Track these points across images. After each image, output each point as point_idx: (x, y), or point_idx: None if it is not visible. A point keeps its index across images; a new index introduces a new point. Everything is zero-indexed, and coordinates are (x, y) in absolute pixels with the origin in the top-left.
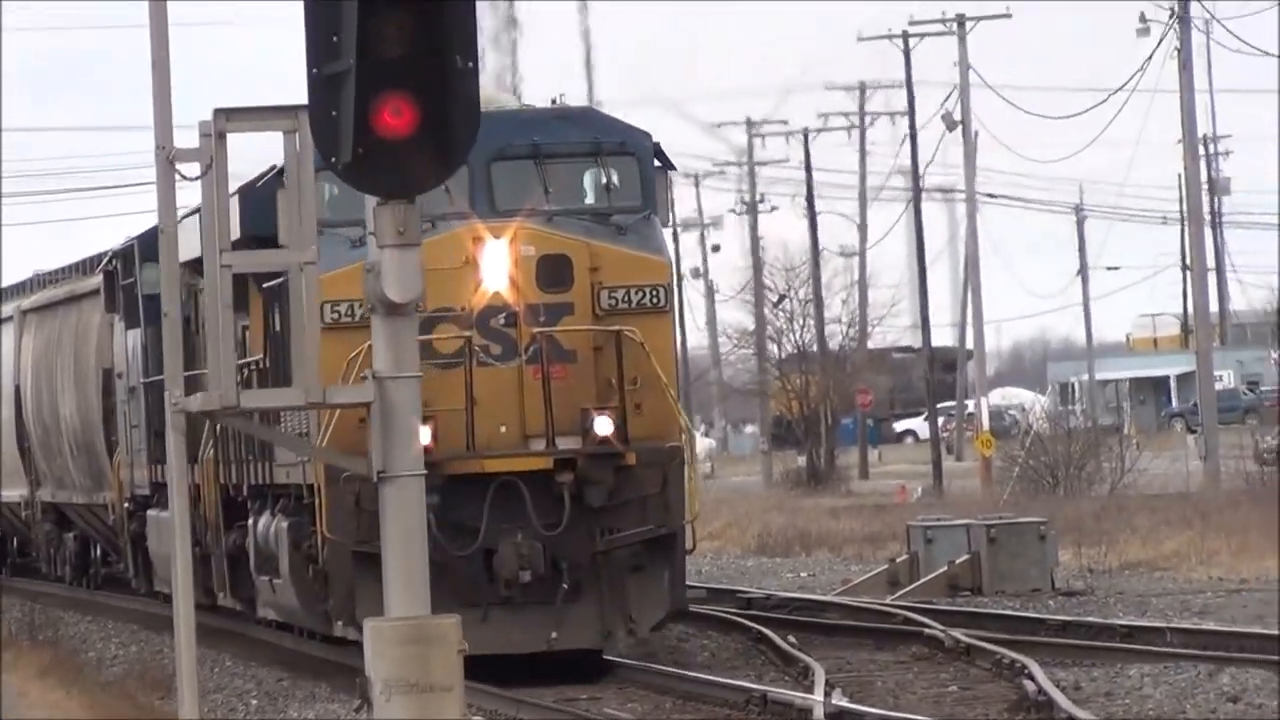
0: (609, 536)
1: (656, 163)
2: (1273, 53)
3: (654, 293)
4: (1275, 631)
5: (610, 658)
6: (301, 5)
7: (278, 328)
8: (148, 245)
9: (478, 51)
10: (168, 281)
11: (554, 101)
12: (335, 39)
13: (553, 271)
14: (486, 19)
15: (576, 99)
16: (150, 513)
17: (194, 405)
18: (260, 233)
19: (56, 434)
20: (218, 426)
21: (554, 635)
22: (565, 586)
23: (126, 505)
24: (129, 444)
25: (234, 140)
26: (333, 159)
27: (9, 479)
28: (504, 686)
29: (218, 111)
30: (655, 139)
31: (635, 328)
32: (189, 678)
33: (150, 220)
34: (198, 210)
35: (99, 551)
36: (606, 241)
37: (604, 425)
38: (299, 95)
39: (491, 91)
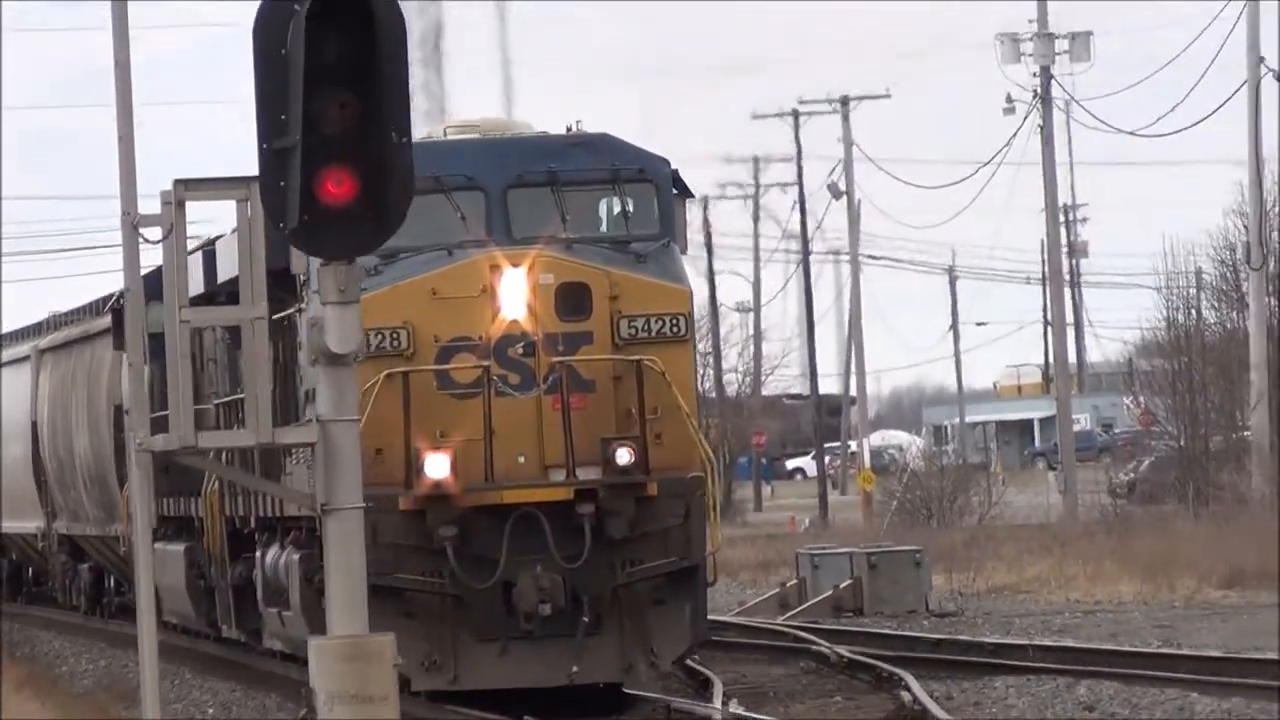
0: (630, 569)
1: (674, 190)
2: (1126, 129)
3: (674, 322)
4: (1128, 648)
5: (630, 691)
6: (254, 86)
7: (282, 359)
8: (153, 285)
9: (411, 127)
10: (131, 338)
11: (569, 129)
12: (283, 117)
13: (572, 300)
14: (418, 97)
15: None
16: (157, 545)
17: (157, 445)
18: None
19: (71, 468)
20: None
21: (575, 669)
22: (586, 620)
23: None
24: None
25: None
26: (281, 224)
27: (26, 511)
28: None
29: (177, 182)
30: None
31: (655, 357)
32: (151, 688)
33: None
34: (196, 250)
35: (113, 581)
36: (626, 269)
37: (625, 455)
38: (251, 167)
39: (507, 118)
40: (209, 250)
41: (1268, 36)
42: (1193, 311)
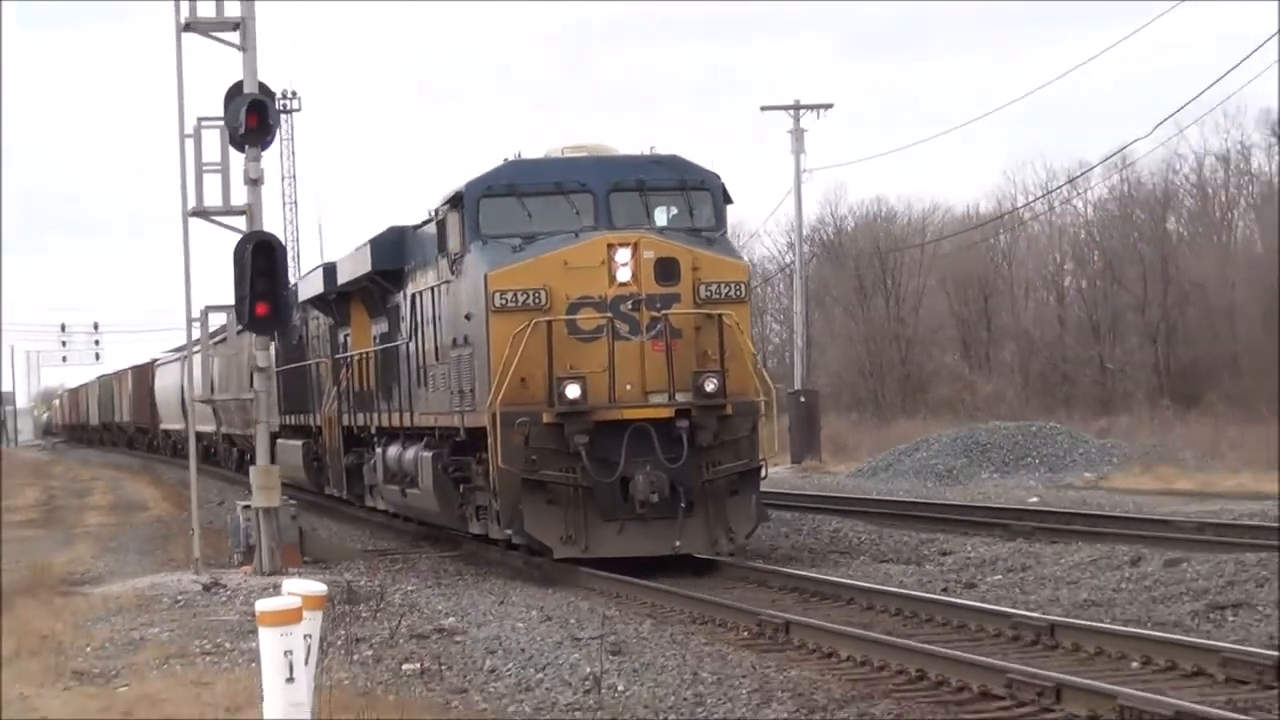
0: (713, 469)
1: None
2: None
3: (737, 288)
4: None
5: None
6: (233, 274)
7: (384, 332)
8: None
9: (288, 286)
10: (203, 360)
11: (646, 150)
12: (243, 286)
13: (665, 270)
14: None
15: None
16: (281, 440)
17: (196, 397)
18: (383, 267)
19: (239, 400)
20: (339, 388)
21: (678, 543)
22: (683, 505)
23: None
24: None
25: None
26: (240, 324)
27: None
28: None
29: (206, 307)
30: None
31: (730, 312)
32: (194, 483)
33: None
34: (317, 268)
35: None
36: (702, 249)
37: (712, 384)
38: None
39: (603, 144)
40: (330, 265)
41: None
42: None
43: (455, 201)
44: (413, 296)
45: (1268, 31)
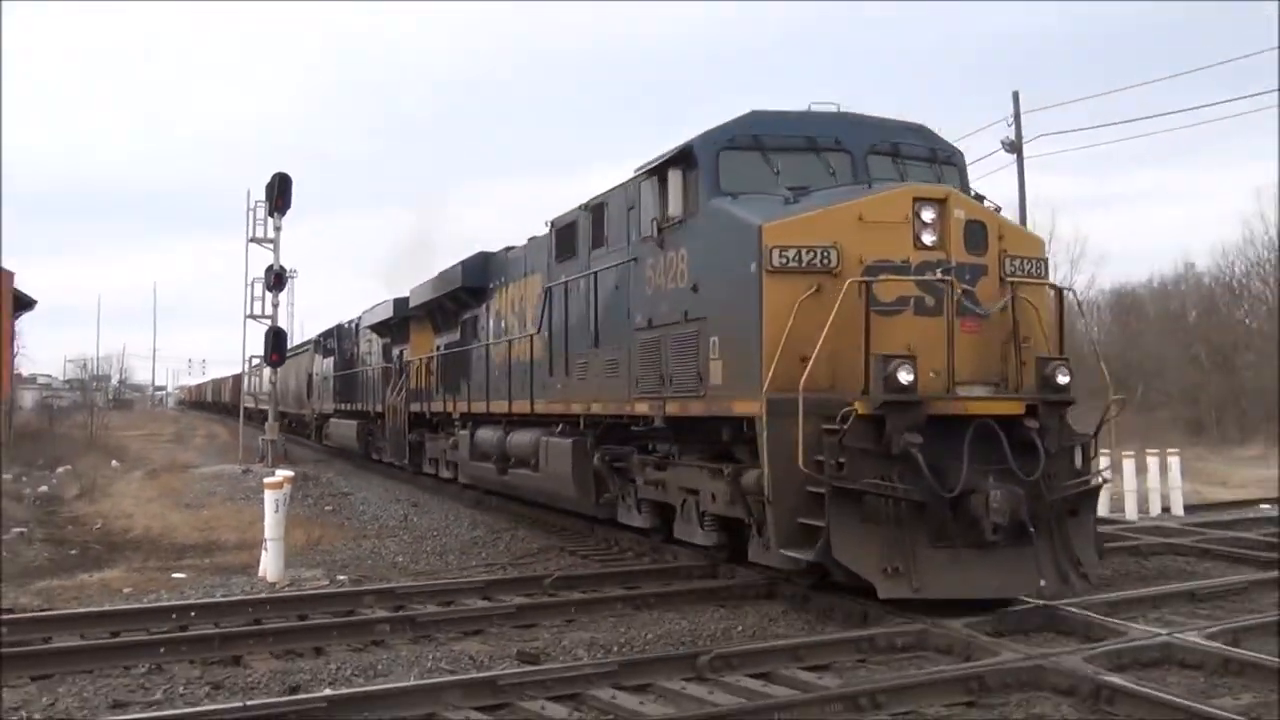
0: (1059, 483)
1: None
2: None
3: (1038, 264)
4: None
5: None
6: (263, 342)
7: (454, 340)
8: (338, 328)
9: (285, 352)
10: (249, 378)
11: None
12: (268, 347)
13: (975, 236)
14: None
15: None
16: (331, 419)
17: (251, 390)
18: (470, 284)
19: (297, 394)
20: (402, 380)
21: (1043, 581)
22: (1032, 530)
23: (316, 417)
24: (320, 395)
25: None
26: (267, 363)
27: (301, 405)
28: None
29: (251, 355)
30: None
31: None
32: (240, 429)
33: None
34: (386, 300)
35: (313, 430)
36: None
37: (1064, 375)
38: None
39: (849, 109)
40: (401, 298)
41: None
42: None
43: (679, 159)
44: (548, 290)
45: None
